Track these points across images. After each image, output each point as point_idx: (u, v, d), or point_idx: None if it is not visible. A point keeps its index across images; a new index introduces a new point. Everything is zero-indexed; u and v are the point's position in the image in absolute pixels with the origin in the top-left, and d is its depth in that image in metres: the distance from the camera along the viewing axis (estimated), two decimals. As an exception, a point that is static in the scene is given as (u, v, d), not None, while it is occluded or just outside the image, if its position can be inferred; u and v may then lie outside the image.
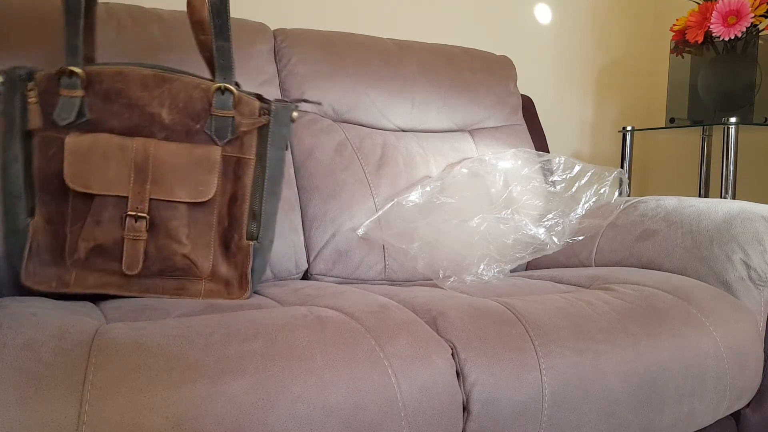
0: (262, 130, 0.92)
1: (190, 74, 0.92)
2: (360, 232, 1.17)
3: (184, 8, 1.28)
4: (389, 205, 1.20)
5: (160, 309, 0.80)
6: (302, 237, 1.15)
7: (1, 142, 0.84)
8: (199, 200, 0.87)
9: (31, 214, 0.85)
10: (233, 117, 0.89)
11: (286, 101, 0.94)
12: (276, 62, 1.27)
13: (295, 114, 0.93)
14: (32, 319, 0.65)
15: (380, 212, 1.19)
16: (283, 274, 1.12)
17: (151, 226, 0.85)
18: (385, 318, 0.74)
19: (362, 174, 1.22)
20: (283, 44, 1.28)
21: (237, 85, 0.92)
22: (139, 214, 0.84)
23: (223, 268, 0.91)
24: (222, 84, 0.88)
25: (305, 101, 0.98)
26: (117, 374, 0.57)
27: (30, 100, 0.84)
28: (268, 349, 0.64)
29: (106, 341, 0.61)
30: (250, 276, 0.92)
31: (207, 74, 0.96)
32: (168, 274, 0.88)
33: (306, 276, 1.17)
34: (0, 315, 0.66)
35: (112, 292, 0.86)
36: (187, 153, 0.86)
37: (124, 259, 0.85)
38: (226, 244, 0.92)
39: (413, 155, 1.30)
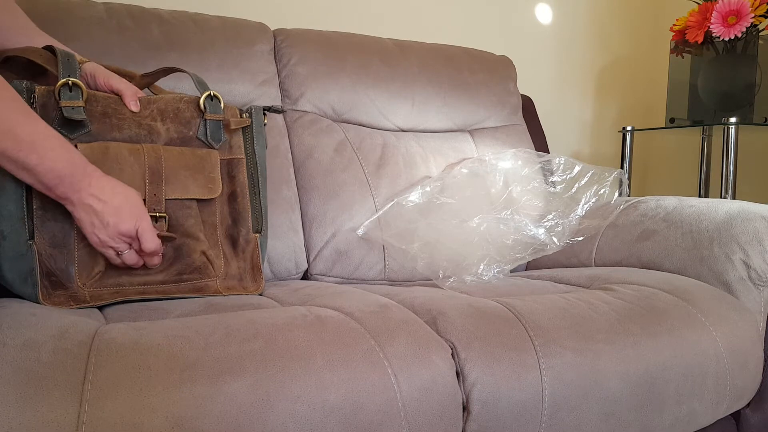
0: (246, 132, 0.98)
1: (168, 91, 1.00)
2: (360, 232, 1.17)
3: (184, 8, 1.28)
4: (389, 205, 1.20)
5: (160, 309, 0.80)
6: (302, 237, 1.15)
7: None
8: (210, 197, 0.91)
9: (31, 236, 0.80)
10: (222, 120, 0.95)
11: (255, 106, 1.01)
12: (276, 62, 1.27)
13: (264, 119, 1.01)
14: (32, 319, 0.65)
15: (380, 212, 1.19)
16: (283, 274, 1.12)
17: (168, 228, 0.86)
18: (385, 318, 0.74)
19: (362, 174, 1.22)
20: (283, 44, 1.28)
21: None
22: (159, 214, 0.85)
23: (234, 265, 0.93)
24: (212, 91, 0.95)
25: (270, 109, 1.03)
26: (117, 374, 0.57)
27: None
28: (268, 349, 0.64)
29: (106, 341, 0.61)
30: (262, 267, 0.95)
31: (203, 72, 1.12)
32: (185, 275, 0.88)
33: (306, 276, 1.17)
34: (0, 315, 0.66)
35: (132, 297, 0.84)
36: (191, 154, 0.90)
37: None
38: (233, 241, 0.95)
39: (413, 155, 1.30)
